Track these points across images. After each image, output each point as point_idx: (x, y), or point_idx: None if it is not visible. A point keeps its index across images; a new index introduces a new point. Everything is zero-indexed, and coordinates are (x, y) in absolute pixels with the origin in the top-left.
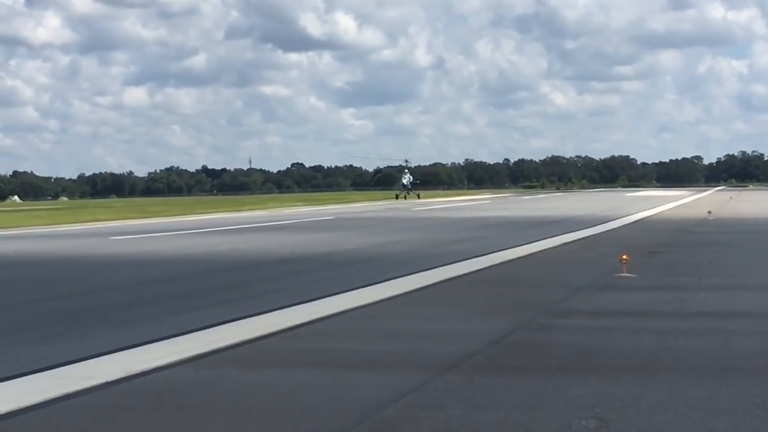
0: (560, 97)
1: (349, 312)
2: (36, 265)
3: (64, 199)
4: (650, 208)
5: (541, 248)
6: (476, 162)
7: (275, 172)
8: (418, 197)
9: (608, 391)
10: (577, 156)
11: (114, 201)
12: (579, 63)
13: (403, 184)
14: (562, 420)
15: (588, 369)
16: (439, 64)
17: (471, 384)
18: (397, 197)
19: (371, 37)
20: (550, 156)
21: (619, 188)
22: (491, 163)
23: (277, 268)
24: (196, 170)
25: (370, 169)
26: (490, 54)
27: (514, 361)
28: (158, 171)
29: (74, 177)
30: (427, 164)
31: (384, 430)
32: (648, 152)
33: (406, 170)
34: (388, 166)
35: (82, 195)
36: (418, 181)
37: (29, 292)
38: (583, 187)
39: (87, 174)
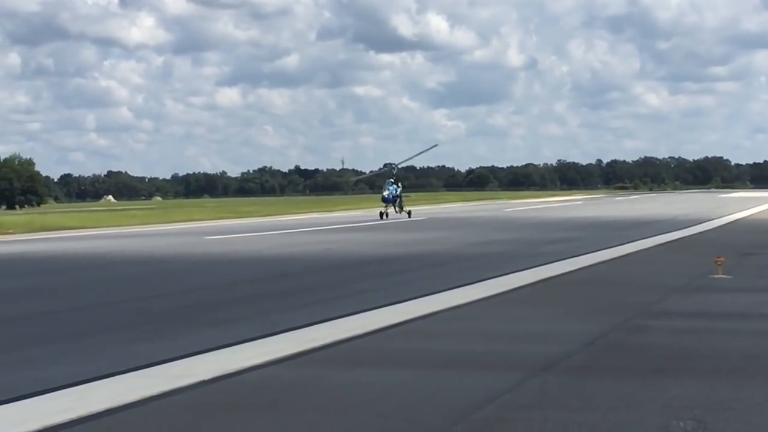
0: (653, 98)
1: (443, 312)
2: (131, 264)
3: (158, 199)
4: (745, 210)
5: (635, 249)
6: (568, 163)
7: (368, 172)
8: (409, 215)
9: (705, 393)
10: (670, 157)
11: (207, 201)
12: (672, 63)
13: (384, 196)
14: (659, 421)
15: (684, 370)
16: (531, 64)
17: (566, 385)
18: (381, 215)
19: (463, 37)
20: (642, 157)
21: (713, 189)
22: (584, 164)
23: (369, 268)
24: (289, 170)
25: (462, 170)
26: (582, 54)
27: (609, 362)
28: (251, 171)
29: (168, 177)
30: (519, 165)
31: (480, 430)
32: (742, 153)
33: (391, 179)
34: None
35: (176, 195)
36: (407, 193)
37: (125, 291)
38: (676, 189)
39: (180, 174)
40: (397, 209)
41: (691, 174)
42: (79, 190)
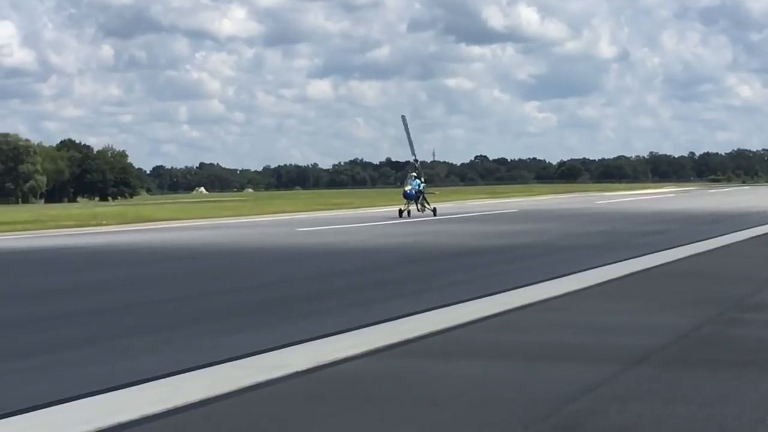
0: (746, 89)
1: (536, 304)
2: (224, 255)
3: (250, 190)
4: None
5: (728, 242)
6: (660, 155)
7: (458, 164)
8: (434, 213)
9: None
10: (763, 149)
11: (299, 193)
12: (766, 55)
13: (405, 192)
14: (755, 415)
15: None
16: (623, 56)
17: (661, 378)
18: (401, 213)
19: (554, 29)
20: (736, 149)
21: None
22: (676, 156)
23: (461, 259)
24: (380, 162)
25: (554, 162)
26: (674, 46)
27: (703, 355)
28: (342, 163)
29: (259, 169)
30: (611, 157)
31: (574, 423)
32: None
33: (413, 173)
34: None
35: (267, 187)
36: (431, 190)
37: (219, 282)
38: None
39: (272, 166)
40: (419, 206)
41: None
42: (171, 181)
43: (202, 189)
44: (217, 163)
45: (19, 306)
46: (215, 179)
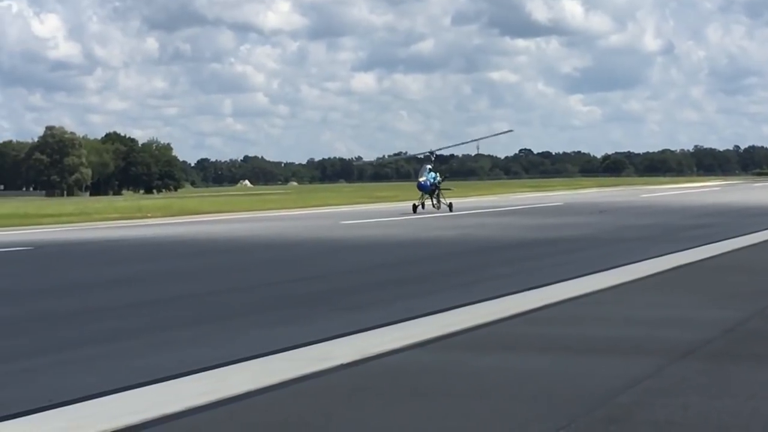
0: None
1: (581, 298)
2: (269, 248)
3: (294, 183)
4: None
5: None
6: (705, 149)
7: (502, 158)
8: (450, 208)
9: None
10: None
11: (343, 186)
12: None
13: (420, 183)
14: None
15: None
16: (667, 49)
17: (707, 371)
18: (414, 208)
19: (598, 22)
20: None
21: None
22: (721, 149)
23: (505, 253)
24: (424, 156)
25: (598, 156)
26: (719, 39)
27: (750, 348)
28: (386, 156)
29: (303, 162)
30: (655, 151)
31: (620, 416)
32: None
33: (428, 166)
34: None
35: (311, 180)
36: (447, 187)
37: (264, 275)
38: None
39: (316, 159)
40: (434, 201)
41: None
42: (215, 174)
43: (247, 182)
44: (262, 156)
45: (66, 298)
46: (259, 172)
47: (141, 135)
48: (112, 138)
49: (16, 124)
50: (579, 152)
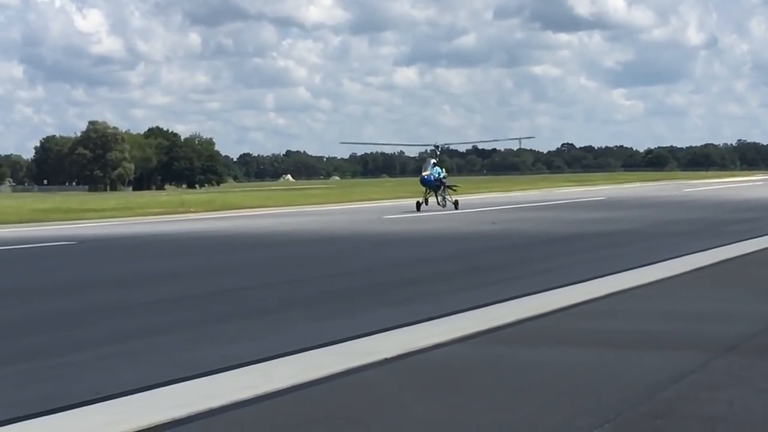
0: None
1: (625, 292)
2: (312, 242)
3: (336, 178)
4: None
5: None
6: (749, 143)
7: (545, 152)
8: (456, 205)
9: None
10: None
11: (385, 180)
12: None
13: (423, 177)
14: None
15: None
16: (711, 43)
17: (752, 366)
18: (418, 206)
19: (641, 16)
20: None
21: None
22: (764, 143)
23: (549, 247)
24: (467, 150)
25: (641, 150)
26: (763, 33)
27: None
28: (429, 151)
29: (345, 156)
30: (698, 145)
31: (665, 410)
32: None
33: (433, 160)
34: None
35: (354, 174)
36: (454, 185)
37: (307, 269)
38: None
39: (358, 153)
40: (440, 199)
41: None
42: (257, 169)
43: (289, 176)
44: (304, 151)
45: (109, 292)
46: (302, 167)
47: (183, 130)
48: (154, 133)
49: (59, 119)
50: (621, 146)
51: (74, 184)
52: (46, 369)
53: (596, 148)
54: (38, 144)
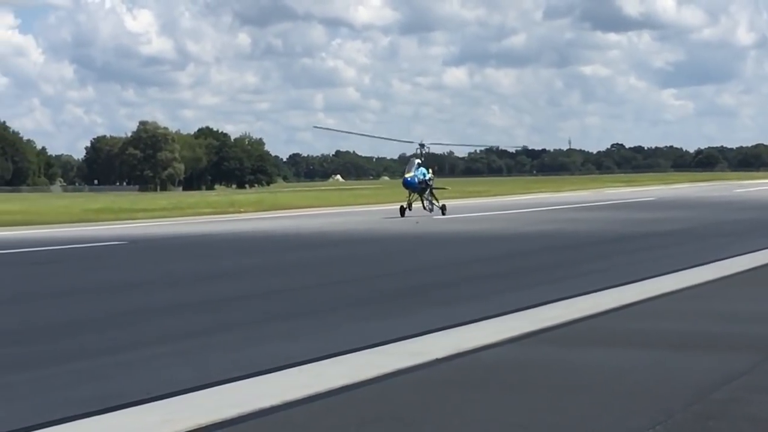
0: None
1: (678, 293)
2: (363, 242)
3: (386, 178)
4: None
5: None
6: None
7: (594, 152)
8: (443, 211)
9: None
10: None
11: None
12: None
13: (406, 179)
14: None
15: None
16: (761, 42)
17: None
18: (402, 211)
19: (691, 16)
20: None
21: None
22: None
23: (601, 247)
24: (516, 151)
25: (691, 150)
26: None
27: None
28: (478, 151)
29: (395, 157)
30: (749, 145)
31: (717, 411)
32: None
33: (417, 161)
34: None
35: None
36: (441, 186)
37: (358, 269)
38: None
39: (407, 154)
40: (426, 202)
41: None
42: (307, 169)
43: (338, 177)
44: (353, 151)
45: (160, 292)
46: (351, 167)
47: (233, 130)
48: (204, 133)
49: (109, 119)
50: (671, 147)
51: (124, 184)
52: (99, 368)
53: (646, 148)
54: (89, 144)
